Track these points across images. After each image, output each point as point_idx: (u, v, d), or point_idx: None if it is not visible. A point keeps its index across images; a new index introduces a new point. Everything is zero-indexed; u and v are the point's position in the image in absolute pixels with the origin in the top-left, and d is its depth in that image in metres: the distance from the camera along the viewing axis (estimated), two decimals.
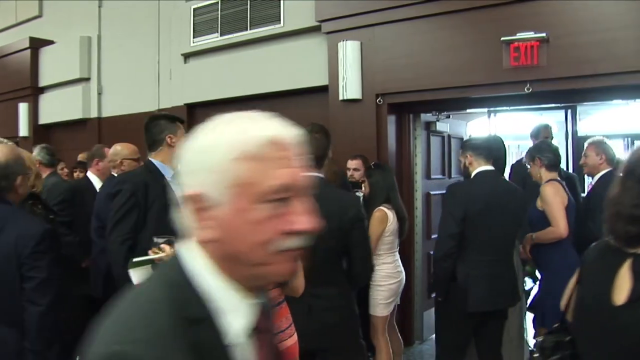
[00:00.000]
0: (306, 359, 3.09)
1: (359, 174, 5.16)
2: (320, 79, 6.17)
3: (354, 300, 3.38)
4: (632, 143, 8.27)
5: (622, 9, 4.75)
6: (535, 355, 2.07)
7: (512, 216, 3.85)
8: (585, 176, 5.90)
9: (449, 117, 6.60)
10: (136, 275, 2.65)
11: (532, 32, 4.99)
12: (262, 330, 1.19)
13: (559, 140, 6.90)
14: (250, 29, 6.81)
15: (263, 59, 6.75)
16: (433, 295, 4.15)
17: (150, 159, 3.71)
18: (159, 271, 1.20)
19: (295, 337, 2.38)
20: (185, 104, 7.46)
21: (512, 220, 3.86)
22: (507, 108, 6.59)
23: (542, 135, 5.68)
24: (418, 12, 5.55)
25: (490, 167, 3.95)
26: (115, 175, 4.74)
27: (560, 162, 4.61)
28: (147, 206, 3.48)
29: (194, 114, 7.49)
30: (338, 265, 3.27)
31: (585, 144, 4.94)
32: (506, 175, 4.77)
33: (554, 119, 8.56)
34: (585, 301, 1.98)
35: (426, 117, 6.34)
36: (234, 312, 1.11)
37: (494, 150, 4.06)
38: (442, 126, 6.59)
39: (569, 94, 5.42)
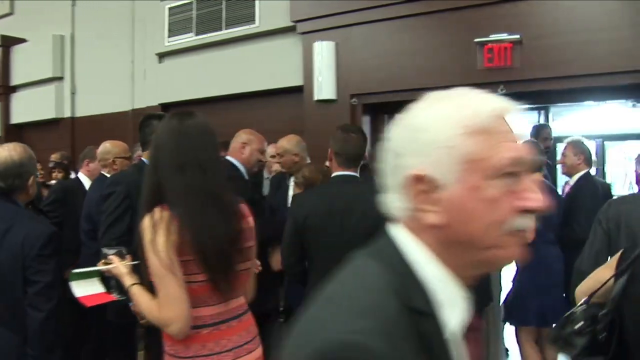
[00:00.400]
0: None
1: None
2: (295, 79, 6.11)
3: None
4: (604, 144, 8.36)
5: (593, 11, 4.78)
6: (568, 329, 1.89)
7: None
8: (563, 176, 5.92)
9: None
10: (78, 288, 2.54)
11: (505, 34, 5.00)
12: (471, 327, 1.09)
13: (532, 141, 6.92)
14: (225, 29, 6.74)
15: (238, 59, 6.68)
16: None
17: (142, 159, 3.66)
18: (374, 258, 1.06)
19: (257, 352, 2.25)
20: (160, 104, 7.36)
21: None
22: None
23: (542, 136, 5.68)
24: (393, 13, 5.52)
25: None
26: (107, 175, 4.55)
27: (542, 164, 4.55)
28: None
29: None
30: None
31: (564, 144, 4.90)
32: None
33: (527, 119, 8.62)
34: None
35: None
36: (453, 306, 1.01)
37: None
38: None
39: (542, 95, 5.45)
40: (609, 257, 2.43)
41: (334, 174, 3.30)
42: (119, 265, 2.35)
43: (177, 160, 2.09)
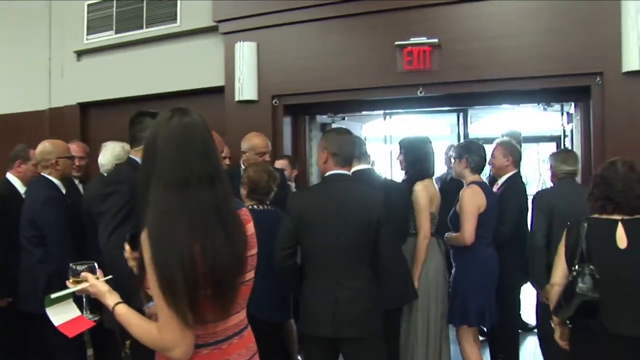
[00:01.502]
0: (329, 349, 3.27)
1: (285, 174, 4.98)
2: (217, 80, 5.94)
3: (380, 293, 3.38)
4: (520, 145, 8.53)
5: (509, 18, 4.86)
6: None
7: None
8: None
9: (344, 118, 6.56)
10: (55, 316, 2.08)
11: (424, 38, 5.02)
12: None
13: (451, 142, 7.01)
14: (146, 28, 6.48)
15: (159, 58, 6.45)
16: None
17: (131, 156, 3.47)
18: None
19: None
20: (79, 103, 7.01)
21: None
22: (402, 110, 6.62)
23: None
24: (315, 15, 5.45)
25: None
26: (48, 176, 4.24)
27: (484, 166, 4.49)
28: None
29: (88, 113, 7.08)
30: (367, 260, 3.24)
31: (494, 145, 4.84)
32: None
33: (446, 121, 8.76)
34: (595, 253, 2.82)
35: (322, 118, 6.26)
36: None
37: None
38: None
39: (460, 97, 5.50)
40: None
41: (329, 173, 3.34)
42: (97, 283, 2.00)
43: (181, 173, 1.74)
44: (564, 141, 6.43)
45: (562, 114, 6.31)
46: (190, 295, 1.69)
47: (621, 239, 2.82)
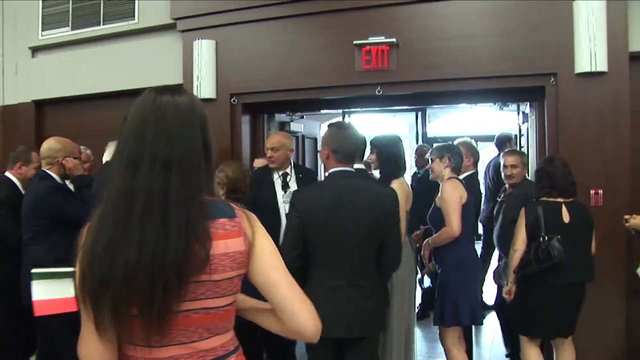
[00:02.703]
0: (335, 349, 3.20)
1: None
2: (175, 78, 5.77)
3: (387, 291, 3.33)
4: (477, 144, 8.62)
5: (466, 19, 4.85)
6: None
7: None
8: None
9: (303, 117, 6.52)
10: (39, 290, 2.06)
11: (383, 37, 4.98)
12: None
13: (410, 141, 7.02)
14: (103, 24, 6.29)
15: (117, 55, 6.27)
16: None
17: None
18: None
19: None
20: (33, 101, 6.76)
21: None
22: (361, 109, 6.61)
23: (507, 146, 5.75)
24: (273, 14, 5.36)
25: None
26: (51, 174, 4.18)
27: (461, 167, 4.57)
28: None
29: (43, 111, 6.84)
30: (373, 258, 3.18)
31: (455, 144, 4.85)
32: None
33: (405, 120, 8.78)
34: (549, 226, 3.79)
35: (280, 117, 6.18)
36: None
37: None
38: (297, 126, 6.50)
39: (418, 97, 5.49)
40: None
41: (332, 170, 3.25)
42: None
43: (133, 150, 1.46)
44: (520, 140, 6.48)
45: (518, 113, 6.36)
46: (97, 301, 1.41)
47: (565, 216, 3.86)
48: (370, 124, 9.03)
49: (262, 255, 1.58)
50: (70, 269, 1.78)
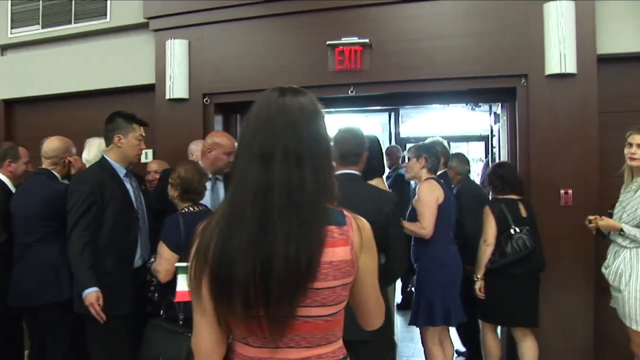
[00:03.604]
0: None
1: None
2: (147, 78, 5.72)
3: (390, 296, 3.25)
4: (449, 144, 8.67)
5: (439, 20, 4.86)
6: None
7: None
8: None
9: None
10: (182, 282, 2.49)
11: (356, 38, 4.97)
12: None
13: (383, 141, 7.02)
14: (74, 23, 6.17)
15: (88, 54, 6.15)
16: None
17: (104, 156, 3.68)
18: None
19: None
20: (2, 100, 6.62)
21: None
22: (334, 109, 6.59)
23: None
24: (246, 14, 5.32)
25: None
26: (55, 173, 4.07)
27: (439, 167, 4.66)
28: (103, 205, 3.46)
29: (13, 111, 6.70)
30: None
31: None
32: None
33: (378, 120, 8.79)
34: (513, 220, 4.23)
35: None
36: None
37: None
38: None
39: (391, 97, 5.49)
40: None
41: (336, 173, 3.04)
42: None
43: (264, 144, 1.45)
44: (492, 140, 6.53)
45: (490, 114, 6.41)
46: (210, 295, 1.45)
47: (522, 211, 4.28)
48: (343, 124, 9.03)
49: (365, 270, 1.56)
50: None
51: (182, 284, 2.52)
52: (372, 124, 9.35)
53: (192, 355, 2.96)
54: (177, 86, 5.46)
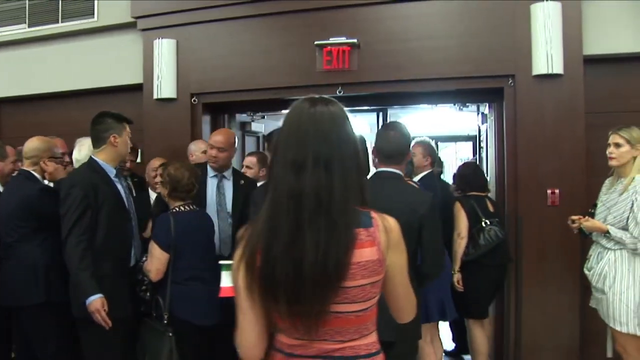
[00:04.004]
0: None
1: (251, 172, 4.75)
2: (135, 77, 5.69)
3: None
4: (437, 144, 8.69)
5: (426, 21, 4.86)
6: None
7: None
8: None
9: (264, 117, 6.47)
10: (226, 279, 2.64)
11: (344, 38, 4.96)
12: None
13: (371, 141, 7.01)
14: (62, 22, 6.12)
15: (76, 54, 6.12)
16: None
17: (92, 157, 3.61)
18: None
19: None
20: None
21: None
22: None
23: None
24: (234, 13, 5.29)
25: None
26: (35, 173, 3.95)
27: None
28: (98, 207, 3.39)
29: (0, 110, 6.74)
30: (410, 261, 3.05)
31: (413, 143, 4.87)
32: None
33: (367, 120, 8.77)
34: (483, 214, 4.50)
35: (241, 117, 6.10)
36: None
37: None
38: (257, 126, 6.44)
39: (379, 97, 5.48)
40: None
41: (376, 170, 3.26)
42: None
43: (296, 152, 1.55)
44: (480, 140, 6.54)
45: (478, 114, 6.41)
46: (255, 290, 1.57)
47: (490, 206, 4.59)
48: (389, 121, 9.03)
49: (393, 268, 1.65)
50: None
51: (226, 280, 2.66)
52: (360, 124, 9.33)
53: (174, 354, 3.03)
54: (164, 86, 5.43)
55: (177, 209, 3.65)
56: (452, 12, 4.83)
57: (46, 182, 4.04)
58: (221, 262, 2.67)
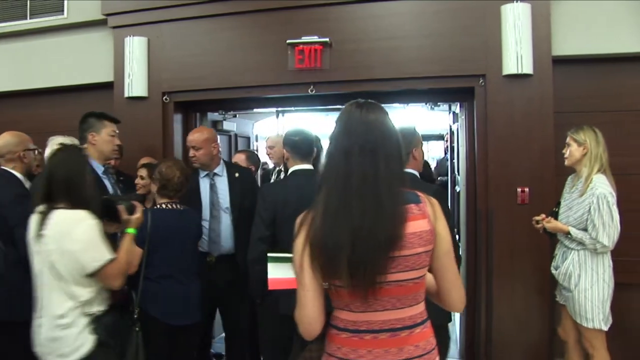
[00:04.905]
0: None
1: None
2: (106, 75, 5.57)
3: None
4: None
5: (399, 20, 4.83)
6: None
7: None
8: None
9: (236, 116, 6.41)
10: (272, 270, 2.71)
11: (316, 37, 4.92)
12: None
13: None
14: (30, 18, 5.96)
15: (44, 51, 5.97)
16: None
17: None
18: None
19: None
20: None
21: None
22: (294, 109, 6.56)
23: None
24: (205, 11, 5.21)
25: (306, 166, 3.66)
26: (13, 171, 3.88)
27: None
28: None
29: None
30: None
31: None
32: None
33: None
34: None
35: (213, 116, 6.02)
36: None
37: (312, 148, 3.77)
38: (229, 125, 6.37)
39: (351, 96, 5.41)
40: None
41: (293, 168, 3.58)
42: None
43: (345, 142, 1.85)
44: (451, 139, 6.57)
45: (449, 113, 6.45)
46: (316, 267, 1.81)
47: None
48: (304, 123, 9.00)
49: (441, 241, 1.89)
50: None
51: (272, 272, 2.73)
52: (332, 123, 9.35)
53: (140, 350, 3.02)
54: (136, 84, 5.33)
55: (159, 206, 3.74)
56: (424, 12, 4.82)
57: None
58: (269, 254, 2.77)
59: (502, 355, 4.58)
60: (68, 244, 2.71)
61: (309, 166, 3.62)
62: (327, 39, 4.91)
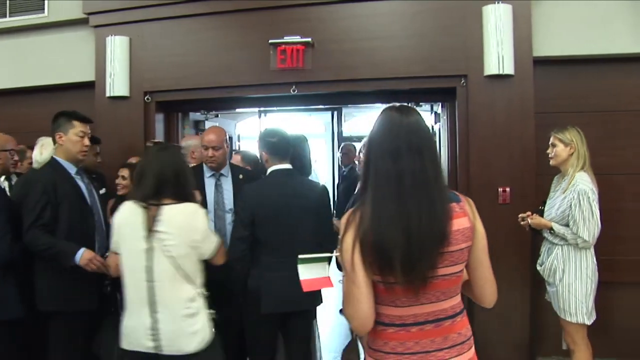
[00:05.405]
0: (276, 323, 3.58)
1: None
2: (87, 75, 5.51)
3: None
4: None
5: (380, 21, 4.84)
6: None
7: (306, 215, 3.51)
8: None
9: (218, 116, 6.37)
10: (304, 271, 2.69)
11: (298, 37, 4.91)
12: None
13: (325, 140, 7.02)
14: (9, 17, 5.87)
15: (25, 50, 5.88)
16: None
17: (53, 156, 3.67)
18: None
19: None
20: None
21: (306, 219, 3.51)
22: (276, 109, 6.53)
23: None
24: (188, 11, 5.18)
25: (285, 166, 3.60)
26: None
27: None
28: (57, 203, 3.45)
29: None
30: (317, 242, 3.36)
31: (362, 143, 4.85)
32: None
33: (322, 120, 8.78)
34: None
35: (195, 115, 5.98)
36: None
37: (290, 148, 3.73)
38: (211, 125, 6.38)
39: (333, 96, 5.45)
40: None
41: (272, 169, 3.55)
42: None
43: (391, 144, 1.87)
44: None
45: (431, 113, 6.45)
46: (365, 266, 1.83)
47: None
48: (286, 123, 8.98)
49: (479, 237, 1.96)
50: (326, 255, 2.59)
51: (304, 274, 2.71)
52: (315, 123, 9.35)
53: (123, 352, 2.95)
54: (117, 84, 5.28)
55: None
56: (406, 13, 4.82)
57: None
58: (300, 256, 2.73)
59: (485, 353, 4.58)
60: (193, 235, 2.87)
61: (288, 166, 3.57)
62: (310, 39, 4.89)
